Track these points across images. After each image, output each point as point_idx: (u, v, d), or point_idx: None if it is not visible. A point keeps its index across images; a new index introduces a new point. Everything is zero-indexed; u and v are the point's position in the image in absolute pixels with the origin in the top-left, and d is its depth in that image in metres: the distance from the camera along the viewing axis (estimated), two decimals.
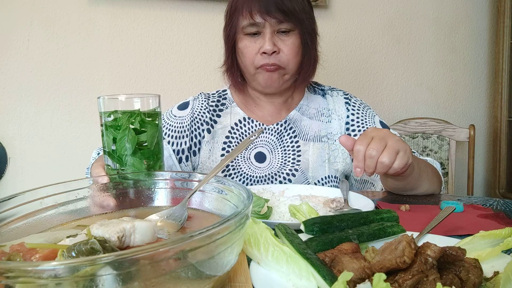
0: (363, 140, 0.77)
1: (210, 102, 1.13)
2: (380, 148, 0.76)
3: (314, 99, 1.16)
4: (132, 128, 0.62)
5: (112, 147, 0.62)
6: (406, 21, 2.07)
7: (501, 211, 0.79)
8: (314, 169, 1.08)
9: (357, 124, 1.11)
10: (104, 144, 0.64)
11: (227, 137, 1.09)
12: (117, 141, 0.62)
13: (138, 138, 0.62)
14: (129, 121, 0.62)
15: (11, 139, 1.73)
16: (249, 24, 0.97)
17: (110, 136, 0.62)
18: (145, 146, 0.64)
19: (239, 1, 0.99)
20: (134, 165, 0.63)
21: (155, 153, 0.65)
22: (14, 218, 0.44)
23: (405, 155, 0.78)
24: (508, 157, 2.03)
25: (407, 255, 0.39)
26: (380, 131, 0.81)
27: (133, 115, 0.62)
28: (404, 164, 0.77)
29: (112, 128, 0.62)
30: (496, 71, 2.03)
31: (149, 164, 0.64)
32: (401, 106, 2.13)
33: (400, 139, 0.80)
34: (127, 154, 0.62)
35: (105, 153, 0.64)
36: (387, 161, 0.75)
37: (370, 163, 0.76)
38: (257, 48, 0.99)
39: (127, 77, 1.81)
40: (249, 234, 0.46)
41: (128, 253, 0.28)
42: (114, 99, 0.63)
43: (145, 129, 0.63)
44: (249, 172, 1.06)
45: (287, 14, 0.96)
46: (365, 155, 0.76)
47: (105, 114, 0.63)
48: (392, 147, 0.76)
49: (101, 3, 1.75)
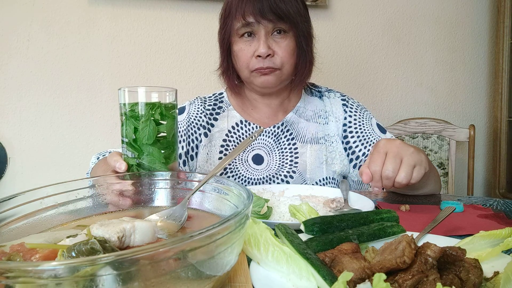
0: (378, 160, 0.75)
1: (207, 106, 1.13)
2: (396, 167, 0.73)
3: (311, 101, 1.16)
4: (152, 119, 0.65)
5: (132, 137, 0.65)
6: (406, 21, 2.07)
7: (501, 211, 0.79)
8: (312, 170, 1.08)
9: (354, 126, 1.11)
10: (123, 134, 0.66)
11: (224, 140, 1.10)
12: (140, 131, 0.64)
13: (158, 129, 0.65)
14: (150, 112, 0.64)
15: (11, 139, 1.73)
16: (242, 25, 0.97)
17: (131, 126, 0.65)
18: (163, 136, 0.67)
19: (233, 4, 0.98)
20: (153, 155, 0.65)
21: (172, 144, 0.68)
22: (14, 218, 0.44)
23: (422, 167, 0.76)
24: (508, 157, 2.03)
25: (407, 255, 0.39)
26: (393, 144, 0.77)
27: (154, 107, 0.65)
28: (421, 176, 0.76)
29: (133, 118, 0.65)
30: (496, 71, 2.03)
31: (166, 154, 0.67)
32: (401, 106, 2.13)
33: (414, 150, 0.77)
34: (147, 144, 0.64)
35: (124, 143, 0.66)
36: (404, 181, 0.74)
37: (387, 183, 0.74)
38: (252, 51, 0.98)
39: (127, 77, 1.81)
40: (249, 234, 0.46)
41: (128, 253, 0.28)
42: (134, 92, 0.65)
43: (164, 120, 0.66)
44: (247, 174, 1.06)
45: (281, 17, 0.95)
46: (382, 176, 0.74)
47: (128, 106, 0.65)
48: (408, 164, 0.74)
49: (101, 3, 1.75)
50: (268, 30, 0.97)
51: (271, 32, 0.98)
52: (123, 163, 0.64)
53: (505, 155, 2.02)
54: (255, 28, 0.97)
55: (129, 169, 0.65)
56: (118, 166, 0.64)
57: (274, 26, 0.97)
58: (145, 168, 0.65)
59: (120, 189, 0.58)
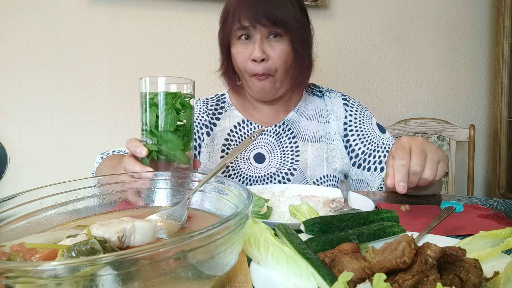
0: (404, 154, 0.73)
1: (209, 106, 1.15)
2: (422, 162, 0.72)
3: (312, 100, 1.17)
4: (173, 108, 0.68)
5: (154, 124, 0.68)
6: (406, 21, 2.07)
7: (501, 211, 0.79)
8: (313, 168, 1.09)
9: (355, 124, 1.13)
10: (144, 121, 0.69)
11: (226, 139, 1.11)
12: (163, 118, 0.68)
13: (178, 117, 0.69)
14: (171, 102, 0.68)
15: (11, 139, 1.73)
16: (238, 28, 0.98)
17: (154, 114, 0.68)
18: (182, 125, 0.70)
19: (231, 8, 0.99)
20: (172, 142, 0.68)
21: (189, 132, 0.72)
22: (14, 218, 0.44)
23: (445, 164, 0.75)
24: (508, 157, 2.03)
25: (407, 255, 0.39)
26: (416, 140, 0.76)
27: (175, 97, 0.68)
28: (443, 173, 0.75)
29: (155, 106, 0.67)
30: (496, 71, 2.03)
31: (184, 142, 0.70)
32: (401, 106, 2.13)
33: (438, 147, 0.77)
34: (169, 131, 0.68)
35: (144, 130, 0.69)
36: (431, 177, 0.72)
37: (414, 179, 0.73)
38: (248, 55, 0.99)
39: (127, 77, 1.81)
40: (249, 234, 0.46)
41: (128, 253, 0.28)
42: (155, 83, 0.68)
43: (183, 110, 0.69)
44: (249, 172, 1.07)
45: (276, 23, 0.95)
46: (409, 171, 0.72)
47: (150, 94, 0.68)
48: (433, 160, 0.73)
49: (101, 3, 1.75)
50: (264, 34, 0.98)
51: (266, 36, 0.98)
52: (144, 148, 0.66)
53: (505, 155, 2.02)
54: (251, 31, 0.98)
55: (148, 155, 0.68)
56: (139, 151, 0.66)
57: (269, 31, 0.97)
58: (164, 154, 0.68)
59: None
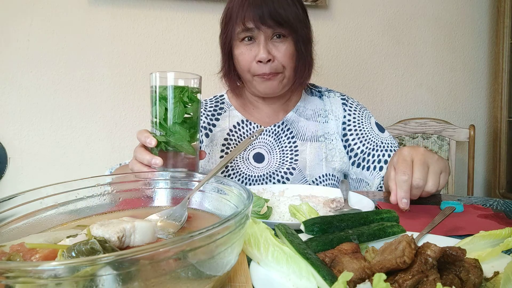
0: (406, 168, 0.72)
1: (208, 108, 1.16)
2: (425, 176, 0.71)
3: (311, 100, 1.18)
4: (181, 102, 0.72)
5: (163, 116, 0.72)
6: (406, 21, 2.07)
7: (501, 211, 0.79)
8: (311, 167, 1.09)
9: (354, 124, 1.13)
10: (154, 114, 0.73)
11: (226, 139, 1.11)
12: (170, 111, 0.72)
13: (186, 110, 0.72)
14: (179, 95, 0.72)
15: (11, 139, 1.73)
16: (242, 30, 0.98)
17: (163, 107, 0.72)
18: (189, 117, 0.74)
19: (234, 10, 0.99)
20: (180, 133, 0.72)
21: (196, 124, 0.75)
22: (14, 218, 0.44)
23: (446, 174, 0.75)
24: (508, 157, 2.03)
25: (407, 255, 0.39)
26: (417, 151, 0.75)
27: (183, 90, 0.72)
28: (445, 183, 0.75)
29: (164, 100, 0.72)
30: (496, 71, 2.03)
31: (190, 133, 0.74)
32: (401, 106, 2.13)
33: (439, 157, 0.76)
34: (176, 123, 0.72)
35: (154, 123, 0.74)
36: (434, 190, 0.72)
37: (417, 192, 0.73)
38: (253, 56, 0.99)
39: (127, 77, 1.81)
40: (249, 234, 0.46)
41: (128, 253, 0.28)
42: (164, 78, 0.72)
43: (190, 103, 0.73)
44: (248, 172, 1.07)
45: (281, 23, 0.96)
46: (412, 185, 0.71)
47: (160, 88, 0.72)
48: (435, 171, 0.73)
49: (101, 3, 1.75)
50: (268, 35, 0.98)
51: (270, 37, 0.98)
52: (153, 138, 0.71)
53: (505, 155, 2.02)
54: (255, 33, 0.98)
55: (157, 146, 0.72)
56: (149, 141, 0.71)
57: (274, 31, 0.98)
58: (172, 145, 0.72)
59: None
